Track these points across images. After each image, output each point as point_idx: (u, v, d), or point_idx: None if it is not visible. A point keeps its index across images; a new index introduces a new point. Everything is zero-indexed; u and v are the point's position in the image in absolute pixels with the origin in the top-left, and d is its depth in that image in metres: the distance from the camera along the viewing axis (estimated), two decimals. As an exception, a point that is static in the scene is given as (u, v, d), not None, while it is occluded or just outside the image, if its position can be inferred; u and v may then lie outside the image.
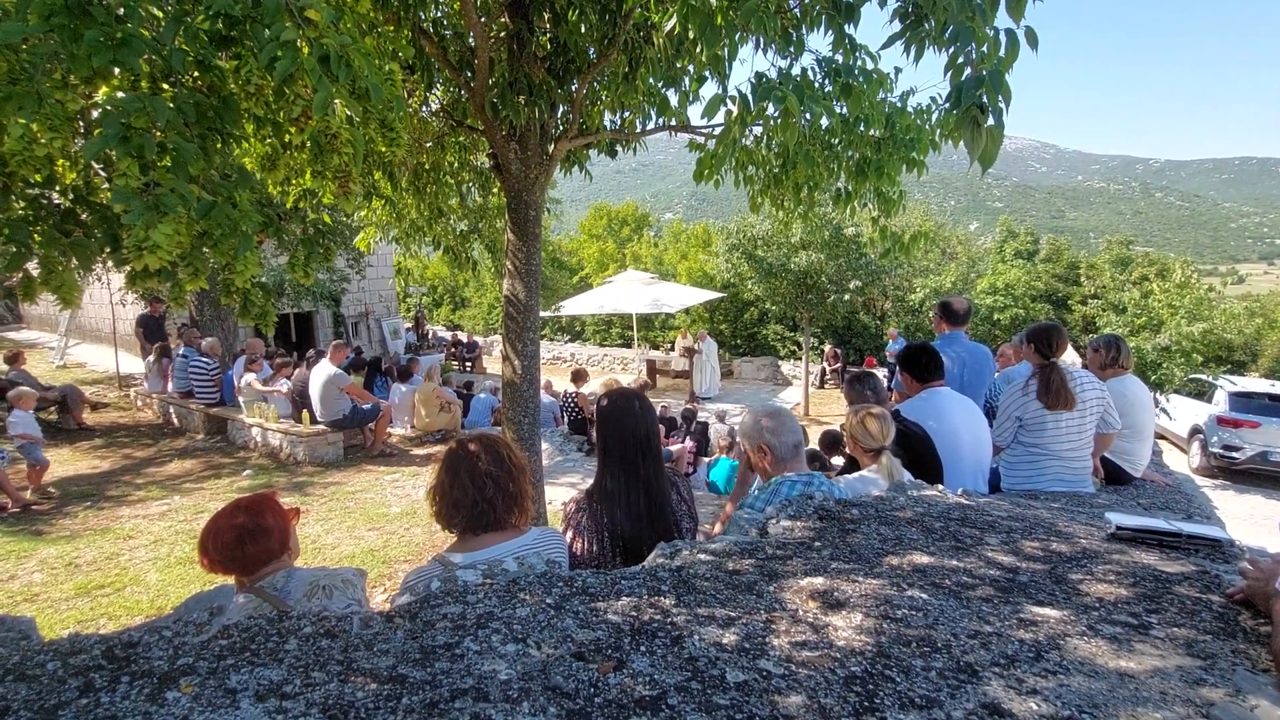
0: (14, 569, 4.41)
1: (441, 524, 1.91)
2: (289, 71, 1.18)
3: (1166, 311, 10.62)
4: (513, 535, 1.91)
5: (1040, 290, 19.58)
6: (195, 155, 1.19)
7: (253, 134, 1.66)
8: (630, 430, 2.20)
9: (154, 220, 1.12)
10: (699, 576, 1.49)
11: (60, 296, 1.49)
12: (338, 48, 1.23)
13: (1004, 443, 3.80)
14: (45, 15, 1.06)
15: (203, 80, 1.38)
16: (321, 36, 1.22)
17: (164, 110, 1.15)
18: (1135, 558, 1.74)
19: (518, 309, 3.96)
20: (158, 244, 1.12)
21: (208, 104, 1.33)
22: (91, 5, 1.09)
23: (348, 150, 1.46)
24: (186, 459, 8.10)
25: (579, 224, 36.00)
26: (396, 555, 4.73)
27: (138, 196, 1.12)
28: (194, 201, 1.21)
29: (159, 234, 1.11)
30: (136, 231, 1.11)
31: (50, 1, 1.06)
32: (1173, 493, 4.00)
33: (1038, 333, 3.72)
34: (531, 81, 3.55)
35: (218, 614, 1.05)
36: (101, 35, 1.08)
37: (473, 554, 1.81)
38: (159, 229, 1.12)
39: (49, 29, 1.07)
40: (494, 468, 1.87)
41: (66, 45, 1.08)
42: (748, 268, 13.89)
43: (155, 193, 1.12)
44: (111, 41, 1.10)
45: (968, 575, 1.56)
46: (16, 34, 1.03)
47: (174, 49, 1.18)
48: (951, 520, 2.04)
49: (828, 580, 1.47)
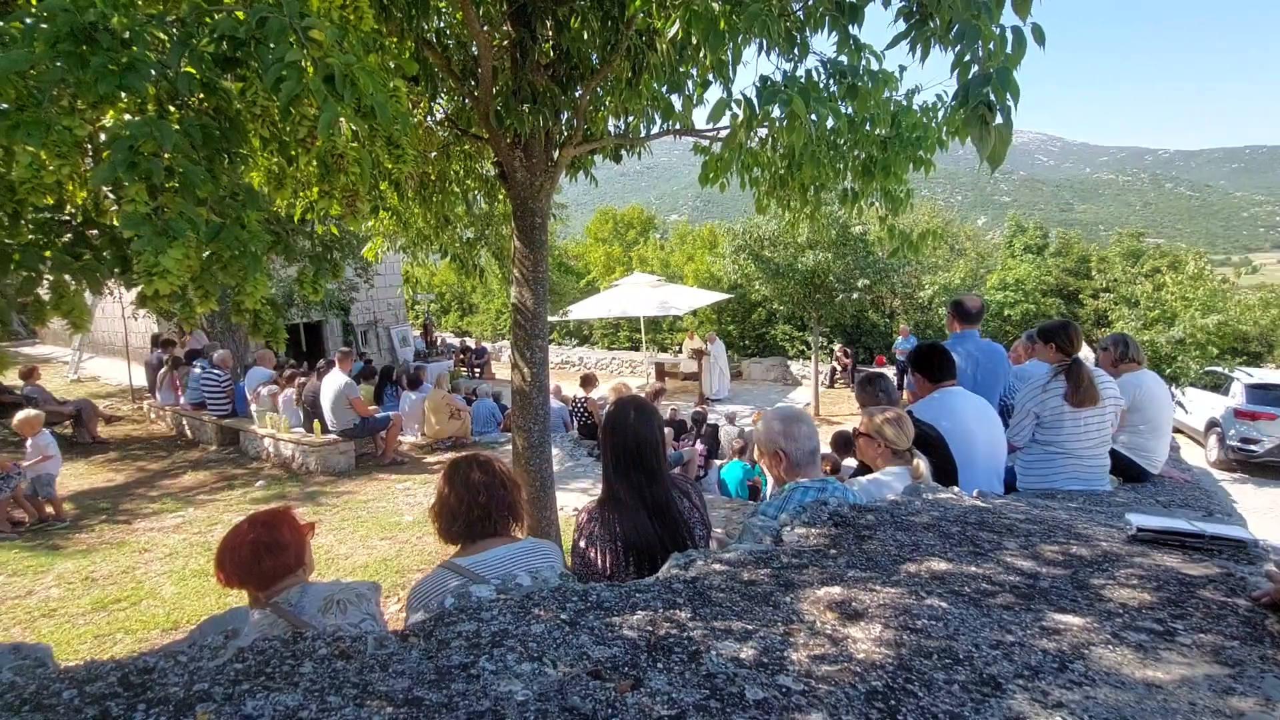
0: (32, 584, 4.45)
1: (443, 537, 2.06)
2: (294, 93, 1.18)
3: (1180, 304, 10.49)
4: (509, 542, 2.05)
5: (1051, 285, 19.41)
6: (203, 178, 1.19)
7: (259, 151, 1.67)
8: (623, 439, 2.20)
9: (164, 246, 1.12)
10: (714, 588, 1.48)
11: (71, 321, 1.50)
12: (342, 67, 1.23)
13: (1021, 441, 3.77)
14: (51, 42, 1.07)
15: (208, 102, 1.38)
16: (326, 56, 1.22)
17: (170, 135, 1.16)
18: (1158, 560, 1.71)
19: (526, 316, 3.96)
20: (168, 269, 1.12)
21: (214, 126, 1.33)
22: (97, 31, 1.10)
23: (355, 170, 1.46)
24: (200, 470, 8.16)
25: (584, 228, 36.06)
26: (410, 565, 4.74)
27: (147, 222, 1.12)
28: (203, 225, 1.21)
29: (169, 259, 1.12)
30: (146, 257, 1.11)
31: (56, 29, 1.07)
32: (1192, 489, 3.95)
33: (1056, 329, 3.69)
34: (535, 89, 3.55)
35: (233, 636, 1.04)
36: (107, 61, 1.09)
37: (476, 556, 1.96)
38: (169, 254, 1.12)
39: (55, 55, 1.08)
40: (486, 478, 2.02)
41: (73, 71, 1.09)
42: (755, 269, 13.84)
43: (164, 218, 1.12)
44: (118, 67, 1.10)
45: (987, 582, 1.54)
46: (23, 63, 1.03)
47: (180, 73, 1.19)
48: (969, 524, 2.01)
49: (845, 590, 1.46)
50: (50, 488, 6.32)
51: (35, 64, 1.04)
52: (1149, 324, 10.77)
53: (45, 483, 6.26)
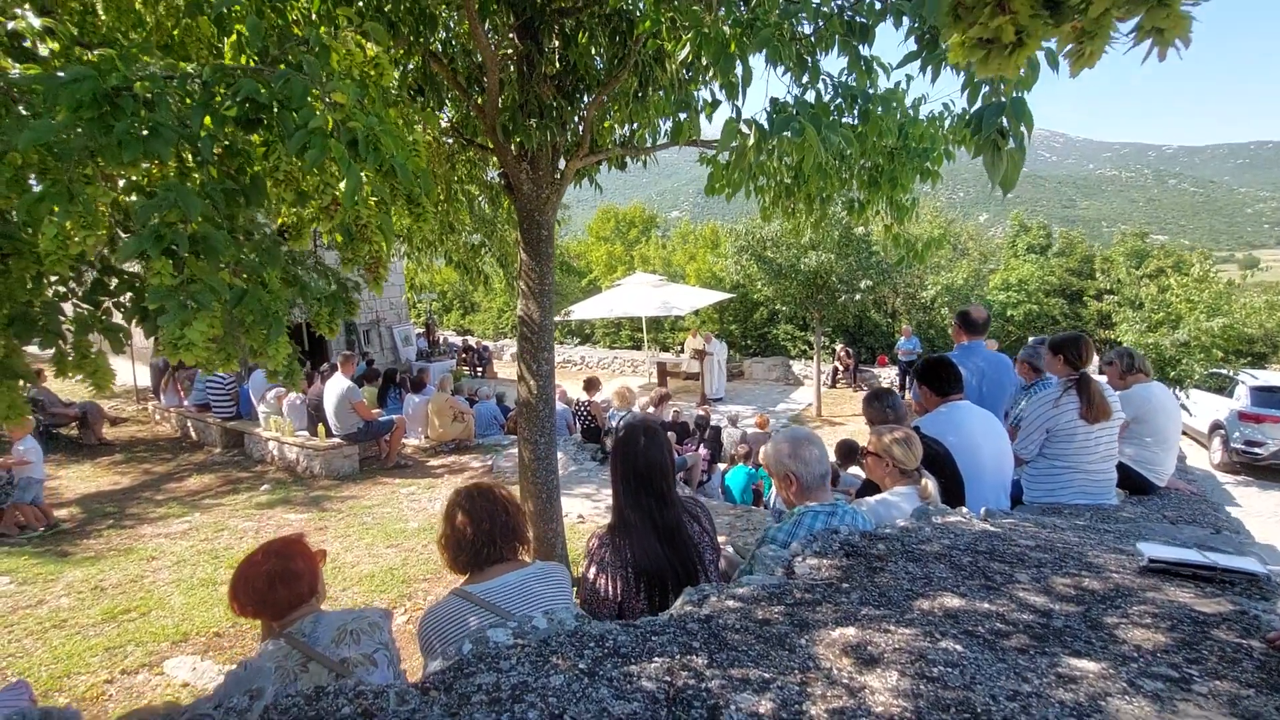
0: (42, 593, 4.47)
1: (452, 568, 2.11)
2: (319, 161, 1.18)
3: (1185, 307, 10.46)
4: (517, 566, 2.09)
5: (1054, 285, 19.37)
6: (226, 243, 1.19)
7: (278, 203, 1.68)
8: (634, 464, 2.22)
9: (189, 318, 1.13)
10: (729, 628, 1.48)
11: (94, 382, 1.50)
12: (365, 130, 1.23)
13: (1028, 455, 3.76)
14: (74, 108, 1.07)
15: (230, 164, 1.39)
16: (348, 120, 1.22)
17: (195, 206, 1.15)
18: (1170, 595, 1.71)
19: (532, 329, 3.96)
20: (193, 341, 1.13)
21: (236, 189, 1.33)
22: (120, 96, 1.10)
23: (378, 239, 1.46)
24: (205, 474, 8.18)
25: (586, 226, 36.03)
26: (416, 574, 4.75)
27: (173, 296, 1.13)
28: (226, 291, 1.21)
29: (194, 332, 1.12)
30: (172, 329, 1.12)
31: (79, 95, 1.07)
32: (1199, 502, 3.94)
33: (1066, 342, 3.67)
34: (542, 103, 3.54)
35: (258, 697, 1.05)
36: (131, 127, 1.09)
37: (486, 583, 2.01)
38: (194, 327, 1.13)
39: (78, 121, 1.08)
40: (487, 505, 2.08)
41: (96, 139, 1.09)
42: (757, 269, 13.84)
43: (190, 290, 1.13)
44: (141, 133, 1.10)
45: (1001, 621, 1.54)
46: (48, 134, 1.03)
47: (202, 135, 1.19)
48: (979, 553, 2.01)
49: (859, 631, 1.46)
50: (30, 492, 6.18)
51: (61, 133, 1.04)
52: (1153, 327, 10.74)
53: (23, 487, 6.12)
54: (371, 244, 1.47)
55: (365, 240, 1.46)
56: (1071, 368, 3.65)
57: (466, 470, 8.11)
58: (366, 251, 1.50)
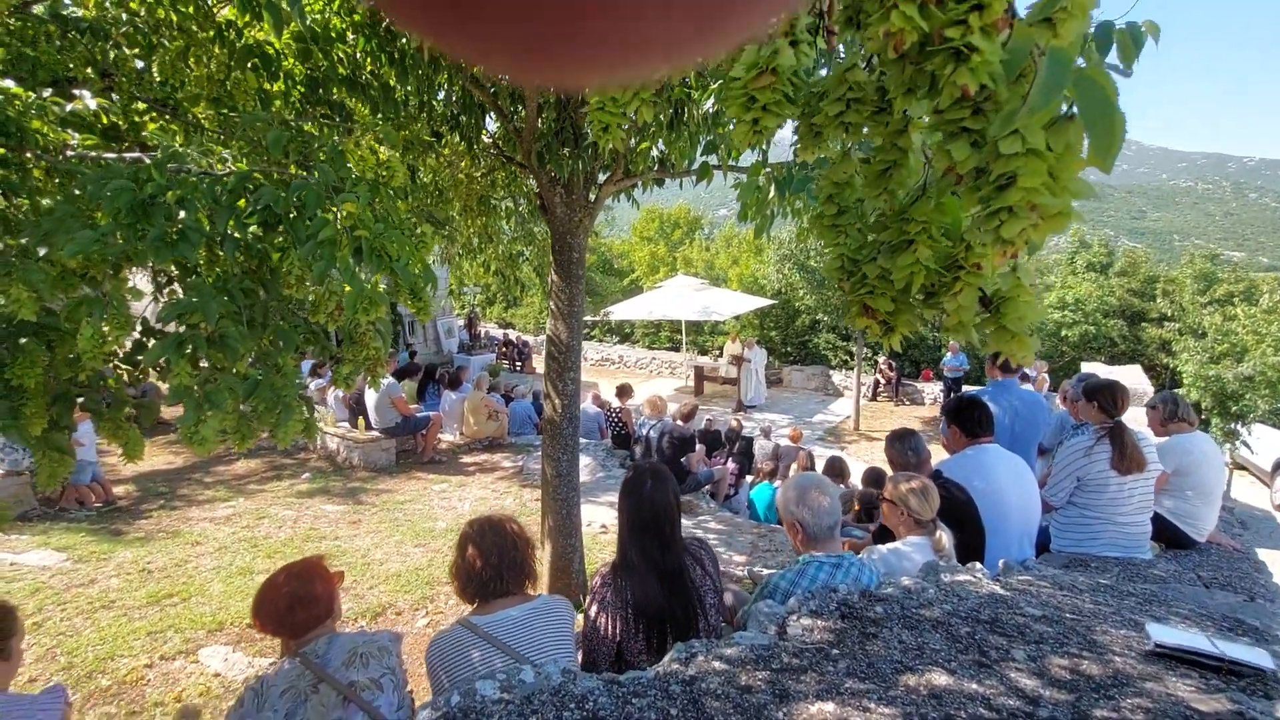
0: (94, 572, 4.78)
1: (461, 597, 2.20)
2: (326, 272, 1.26)
3: (1252, 339, 9.93)
4: (521, 600, 2.17)
5: (1113, 306, 18.57)
6: (243, 337, 1.30)
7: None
8: (639, 506, 2.28)
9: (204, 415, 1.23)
10: (710, 693, 1.52)
11: (126, 454, 1.64)
12: (371, 238, 1.31)
13: (1058, 502, 3.67)
14: (114, 214, 1.18)
15: (249, 262, 1.49)
16: (356, 228, 1.31)
17: (214, 312, 1.26)
18: (1169, 687, 1.67)
19: (559, 349, 4.04)
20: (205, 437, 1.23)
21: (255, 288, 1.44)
22: (154, 205, 1.21)
23: (375, 346, 1.56)
24: (252, 458, 8.56)
25: (631, 225, 36.13)
26: (440, 576, 4.90)
27: (189, 394, 1.23)
28: (240, 385, 1.32)
29: (206, 429, 1.23)
30: (187, 427, 1.22)
31: (118, 204, 1.17)
32: (1239, 561, 3.77)
33: (1100, 389, 3.56)
34: (577, 131, 3.61)
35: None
36: (162, 233, 1.19)
37: (490, 616, 2.10)
38: (208, 424, 1.23)
39: (116, 228, 1.18)
40: (498, 541, 2.16)
41: (132, 244, 1.19)
42: (799, 278, 13.70)
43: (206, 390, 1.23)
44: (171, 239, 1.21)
45: (985, 707, 1.53)
46: (90, 245, 1.15)
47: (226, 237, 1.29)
48: (980, 622, 1.99)
49: (838, 708, 1.48)
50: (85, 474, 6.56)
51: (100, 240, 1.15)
52: (1216, 358, 10.22)
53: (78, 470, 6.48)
54: (369, 349, 1.56)
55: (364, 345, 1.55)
56: (1106, 415, 3.54)
57: (498, 469, 8.29)
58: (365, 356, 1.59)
